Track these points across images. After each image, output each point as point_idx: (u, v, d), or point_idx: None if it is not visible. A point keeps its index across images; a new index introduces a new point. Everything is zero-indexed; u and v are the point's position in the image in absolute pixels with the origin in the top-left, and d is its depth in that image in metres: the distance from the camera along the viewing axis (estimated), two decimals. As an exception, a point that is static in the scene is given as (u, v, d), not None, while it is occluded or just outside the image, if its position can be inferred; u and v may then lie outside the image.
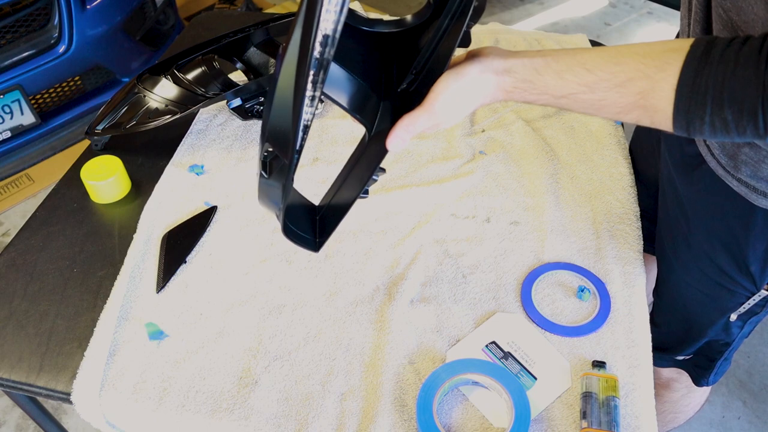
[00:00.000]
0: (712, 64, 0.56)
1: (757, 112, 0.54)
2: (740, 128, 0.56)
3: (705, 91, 0.56)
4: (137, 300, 0.90)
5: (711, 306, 0.90)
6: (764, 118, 0.54)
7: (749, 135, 0.56)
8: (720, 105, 0.56)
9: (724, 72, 0.55)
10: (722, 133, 0.58)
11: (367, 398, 0.78)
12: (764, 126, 0.55)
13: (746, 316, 0.88)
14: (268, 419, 0.77)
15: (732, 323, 0.90)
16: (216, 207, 1.03)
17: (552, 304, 0.87)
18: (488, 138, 1.14)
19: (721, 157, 0.77)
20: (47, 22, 1.80)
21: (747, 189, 0.76)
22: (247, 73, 1.21)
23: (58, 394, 0.82)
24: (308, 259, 0.94)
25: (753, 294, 0.85)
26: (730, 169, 0.76)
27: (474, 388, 0.79)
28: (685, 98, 0.57)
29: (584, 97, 0.63)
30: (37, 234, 1.02)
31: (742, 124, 0.56)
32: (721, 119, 0.56)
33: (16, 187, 2.13)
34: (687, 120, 0.58)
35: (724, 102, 0.56)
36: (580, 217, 0.99)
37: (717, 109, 0.56)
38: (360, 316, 0.87)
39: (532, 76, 0.64)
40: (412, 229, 0.98)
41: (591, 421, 0.73)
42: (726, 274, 0.84)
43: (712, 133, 0.58)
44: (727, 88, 0.55)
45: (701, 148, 0.81)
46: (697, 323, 0.94)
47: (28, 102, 1.81)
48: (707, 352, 0.98)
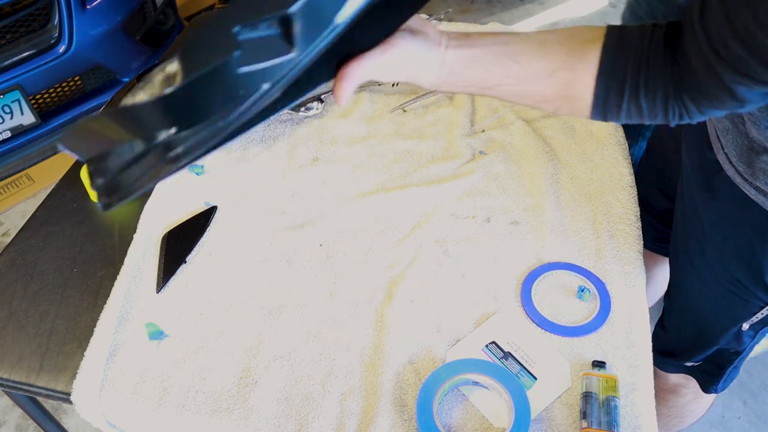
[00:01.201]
0: (628, 53, 0.58)
1: (668, 100, 0.58)
2: (652, 115, 0.60)
3: (623, 80, 0.59)
4: (137, 300, 0.90)
5: (723, 314, 0.89)
6: (673, 106, 0.58)
7: (659, 120, 0.60)
8: (636, 93, 0.59)
9: (639, 61, 0.58)
10: (636, 119, 0.61)
11: (367, 398, 0.78)
12: (673, 113, 0.59)
13: (759, 325, 0.88)
14: (268, 419, 0.77)
15: (744, 332, 0.89)
16: (216, 207, 1.03)
17: (552, 304, 0.87)
18: (488, 138, 1.14)
19: (739, 164, 0.77)
20: (47, 22, 1.80)
21: (764, 198, 0.75)
22: (247, 73, 1.21)
23: (58, 394, 0.82)
24: (308, 259, 0.94)
25: (767, 304, 0.84)
26: (747, 176, 0.76)
27: (474, 388, 0.79)
28: (604, 87, 0.59)
29: (510, 88, 0.63)
30: (37, 234, 1.02)
31: (655, 111, 0.59)
32: (636, 106, 0.59)
33: (16, 187, 2.13)
34: (605, 108, 0.61)
35: (640, 90, 0.58)
36: (580, 217, 0.99)
37: (633, 97, 0.59)
38: (360, 316, 0.87)
39: (462, 69, 0.63)
40: (412, 229, 0.98)
41: (591, 421, 0.73)
42: (740, 283, 0.84)
43: (627, 118, 0.61)
44: (642, 77, 0.58)
45: (719, 156, 0.81)
46: (709, 331, 0.93)
47: (28, 102, 1.81)
48: (717, 360, 0.96)
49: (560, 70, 0.60)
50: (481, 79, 0.63)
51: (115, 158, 0.49)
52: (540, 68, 0.61)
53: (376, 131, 1.17)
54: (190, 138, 0.47)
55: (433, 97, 1.23)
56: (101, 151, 0.50)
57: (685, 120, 0.60)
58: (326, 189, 1.06)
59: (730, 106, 0.56)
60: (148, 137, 0.47)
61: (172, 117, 0.46)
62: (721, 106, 0.56)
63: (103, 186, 0.51)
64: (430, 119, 1.19)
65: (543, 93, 0.63)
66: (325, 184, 1.07)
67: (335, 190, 1.05)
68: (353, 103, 1.23)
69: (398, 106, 1.21)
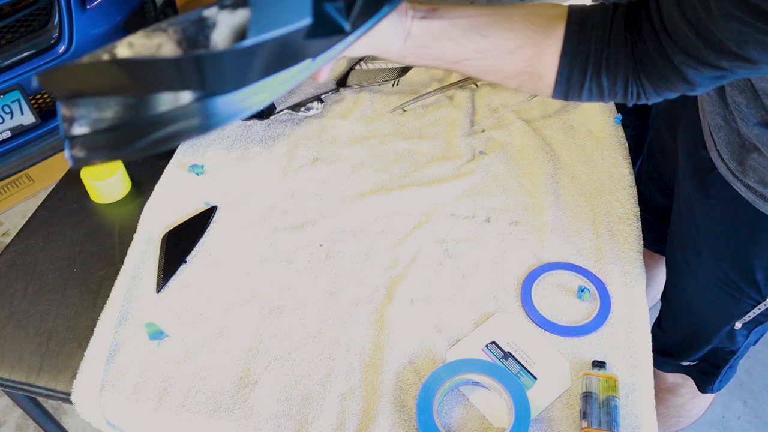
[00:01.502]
0: (591, 33, 0.59)
1: (628, 80, 0.58)
2: (612, 94, 0.60)
3: (587, 59, 0.59)
4: (137, 300, 0.90)
5: (716, 313, 0.90)
6: (632, 86, 0.59)
7: (619, 100, 0.60)
8: (598, 72, 0.59)
9: (602, 40, 0.58)
10: (597, 98, 0.61)
11: (367, 398, 0.78)
12: (631, 93, 0.59)
13: (751, 324, 0.88)
14: (268, 419, 0.77)
15: (737, 332, 0.90)
16: (216, 207, 1.03)
17: (552, 304, 0.87)
18: (488, 138, 1.14)
19: (731, 162, 0.77)
20: (47, 22, 1.80)
21: (754, 195, 0.76)
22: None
23: (58, 394, 0.82)
24: (308, 259, 0.94)
25: (758, 303, 0.84)
26: (738, 174, 0.76)
27: (474, 388, 0.79)
28: (567, 65, 0.60)
29: (476, 63, 0.63)
30: (37, 234, 1.02)
31: (615, 90, 0.60)
32: (597, 85, 0.60)
33: (16, 187, 2.13)
34: (567, 86, 0.61)
35: (602, 70, 0.59)
36: (580, 217, 0.99)
37: (595, 76, 0.59)
38: (360, 316, 0.87)
39: (429, 41, 0.63)
40: (412, 229, 0.98)
41: (591, 421, 0.73)
42: (732, 282, 0.84)
43: (588, 97, 0.61)
44: (605, 56, 0.58)
45: (712, 153, 0.81)
46: (702, 329, 0.93)
47: (28, 102, 1.81)
48: (712, 359, 0.97)
49: (526, 46, 0.61)
50: (448, 53, 0.63)
51: (113, 110, 0.41)
52: (507, 43, 0.61)
53: (376, 131, 1.17)
54: (218, 104, 0.41)
55: (433, 97, 1.23)
56: (94, 96, 0.41)
57: (642, 100, 0.60)
58: (326, 189, 1.06)
59: (682, 88, 0.57)
60: (171, 97, 0.40)
61: (210, 77, 0.40)
62: (674, 88, 0.57)
63: (84, 138, 0.42)
64: (430, 119, 1.19)
65: (509, 69, 0.63)
66: (325, 184, 1.07)
67: (335, 190, 1.05)
68: (353, 103, 1.23)
69: (398, 106, 1.21)
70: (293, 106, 1.20)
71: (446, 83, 1.26)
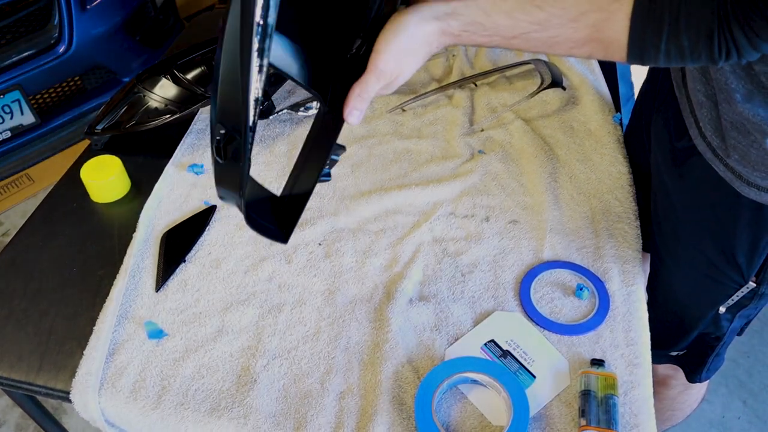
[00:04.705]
0: None
1: (713, 36, 0.54)
2: (695, 54, 0.55)
3: (661, 18, 0.55)
4: (136, 299, 0.90)
5: (700, 298, 0.90)
6: (719, 43, 0.54)
7: (703, 60, 0.56)
8: (676, 31, 0.55)
9: None
10: (676, 60, 0.57)
11: (366, 396, 0.78)
12: (719, 50, 0.54)
13: (735, 308, 0.89)
14: (267, 417, 0.77)
15: (721, 316, 0.90)
16: (215, 206, 1.03)
17: (551, 303, 0.87)
18: (487, 137, 1.14)
19: (714, 139, 0.76)
20: (47, 22, 1.80)
21: (733, 175, 0.76)
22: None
23: (58, 392, 0.82)
24: (307, 258, 0.94)
25: (741, 286, 0.85)
26: (720, 152, 0.76)
27: (473, 386, 0.79)
28: (640, 27, 0.56)
29: (536, 35, 0.61)
30: (37, 234, 1.02)
31: (698, 49, 0.55)
32: (676, 46, 0.55)
33: (16, 187, 2.13)
34: (642, 49, 0.57)
35: (680, 28, 0.54)
36: (579, 216, 0.99)
37: (673, 36, 0.55)
38: (359, 314, 0.87)
39: (481, 17, 0.61)
40: (411, 228, 0.99)
41: (590, 419, 0.73)
42: (714, 265, 0.85)
43: (666, 60, 0.57)
44: (683, 13, 0.54)
45: (691, 131, 0.81)
46: (688, 316, 0.94)
47: (28, 102, 1.82)
48: (699, 347, 0.98)
49: (589, 12, 0.57)
50: (504, 28, 0.61)
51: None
52: (565, 11, 0.58)
53: (375, 131, 1.17)
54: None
55: (432, 97, 1.24)
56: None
57: (733, 59, 0.55)
58: (326, 188, 1.06)
59: None
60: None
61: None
62: None
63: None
64: (429, 119, 1.19)
65: (572, 38, 0.59)
66: (324, 183, 1.07)
67: (334, 189, 1.05)
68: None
69: (397, 106, 1.21)
70: (292, 106, 1.20)
71: (445, 83, 1.27)
